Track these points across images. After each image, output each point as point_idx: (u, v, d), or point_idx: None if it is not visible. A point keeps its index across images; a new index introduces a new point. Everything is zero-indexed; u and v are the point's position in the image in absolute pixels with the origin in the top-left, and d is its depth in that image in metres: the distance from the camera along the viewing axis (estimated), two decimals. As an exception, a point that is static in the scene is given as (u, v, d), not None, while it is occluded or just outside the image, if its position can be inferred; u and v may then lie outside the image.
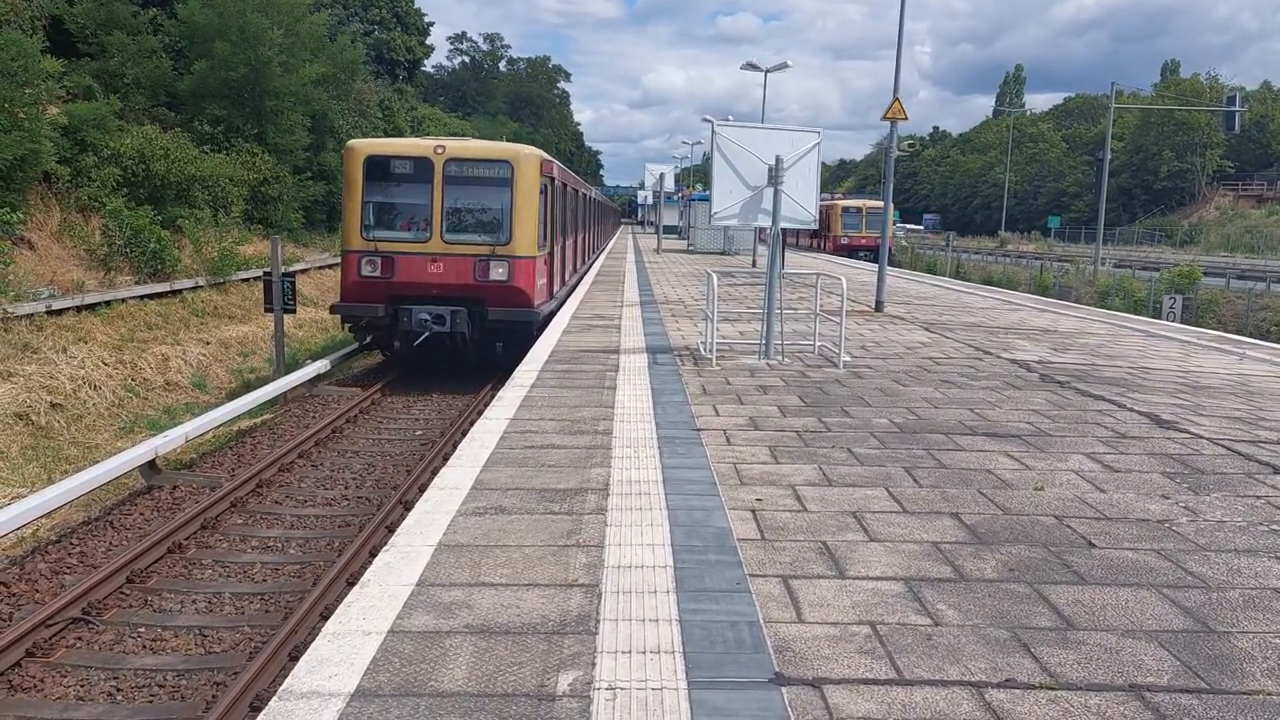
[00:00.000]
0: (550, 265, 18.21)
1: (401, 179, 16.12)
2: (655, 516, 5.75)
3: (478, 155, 16.13)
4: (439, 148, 15.97)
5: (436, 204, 15.82)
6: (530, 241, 16.00)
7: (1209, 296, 33.33)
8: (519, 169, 15.94)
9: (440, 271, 15.73)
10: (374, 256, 15.81)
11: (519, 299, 15.95)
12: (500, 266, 15.77)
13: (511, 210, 15.85)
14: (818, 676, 3.86)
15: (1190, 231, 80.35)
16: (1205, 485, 6.85)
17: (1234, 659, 4.13)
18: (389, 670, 3.80)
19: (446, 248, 15.77)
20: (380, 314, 15.95)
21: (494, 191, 16.00)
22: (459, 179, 15.88)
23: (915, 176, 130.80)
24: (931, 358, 12.78)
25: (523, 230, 15.90)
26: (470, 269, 15.76)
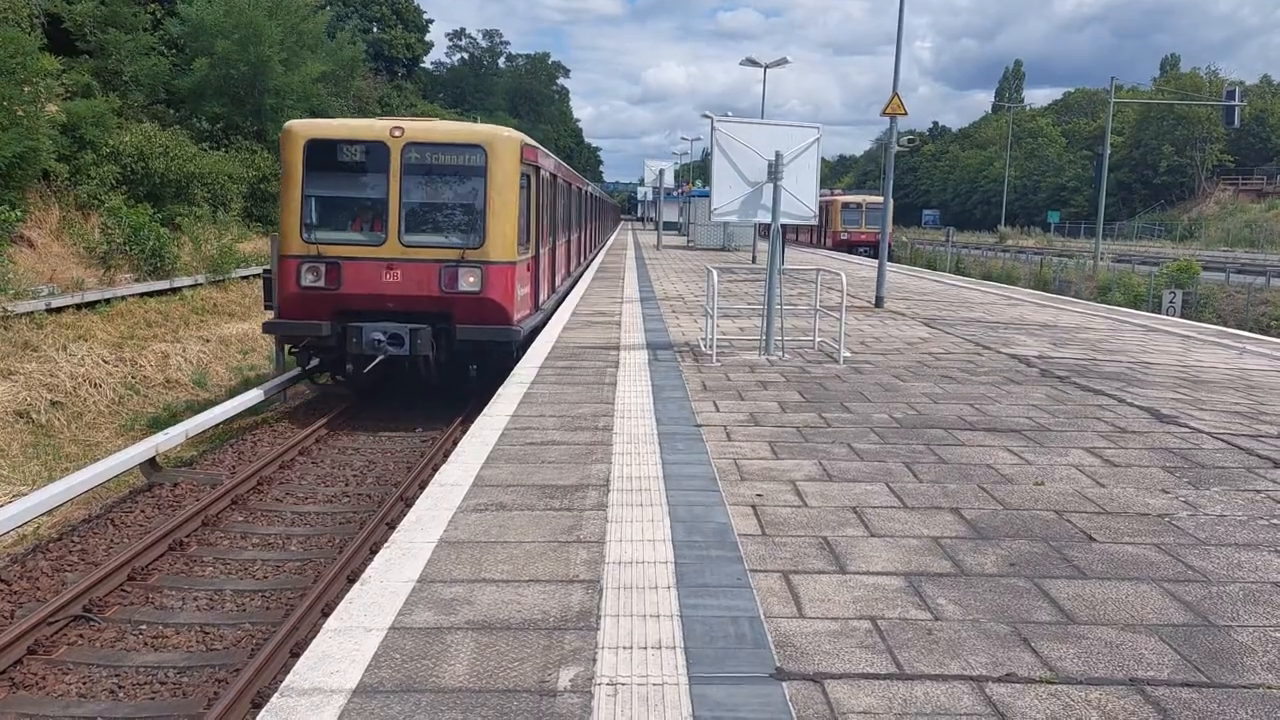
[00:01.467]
0: (535, 271, 15.47)
1: (351, 168, 13.40)
2: (656, 512, 5.76)
3: (444, 139, 13.36)
4: (396, 129, 13.19)
5: (393, 198, 13.09)
6: (508, 243, 13.36)
7: (1208, 291, 33.31)
8: (495, 155, 13.25)
9: (398, 281, 13.00)
10: (316, 263, 13.04)
11: (494, 314, 13.25)
12: (471, 274, 13.00)
13: (486, 205, 13.16)
14: (819, 671, 3.87)
15: (1190, 226, 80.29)
16: (1205, 480, 6.86)
17: (1234, 653, 4.14)
18: (390, 666, 3.80)
19: (406, 252, 13.04)
20: (324, 333, 13.20)
21: (464, 183, 13.38)
22: (421, 167, 13.20)
23: (915, 172, 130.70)
24: (931, 353, 12.78)
25: (499, 230, 13.20)
26: (434, 278, 13.00)
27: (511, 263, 13.43)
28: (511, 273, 13.44)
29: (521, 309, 14.19)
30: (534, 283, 15.50)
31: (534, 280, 15.48)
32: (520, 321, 13.87)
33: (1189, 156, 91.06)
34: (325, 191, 13.52)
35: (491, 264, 13.15)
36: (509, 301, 13.41)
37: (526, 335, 13.72)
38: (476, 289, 13.07)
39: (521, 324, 13.84)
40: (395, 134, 13.17)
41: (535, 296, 15.68)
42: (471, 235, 13.24)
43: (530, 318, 14.70)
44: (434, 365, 13.47)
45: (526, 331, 13.79)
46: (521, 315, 14.16)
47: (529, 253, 14.82)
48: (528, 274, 14.85)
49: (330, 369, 14.83)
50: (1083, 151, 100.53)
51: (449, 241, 13.26)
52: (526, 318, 14.49)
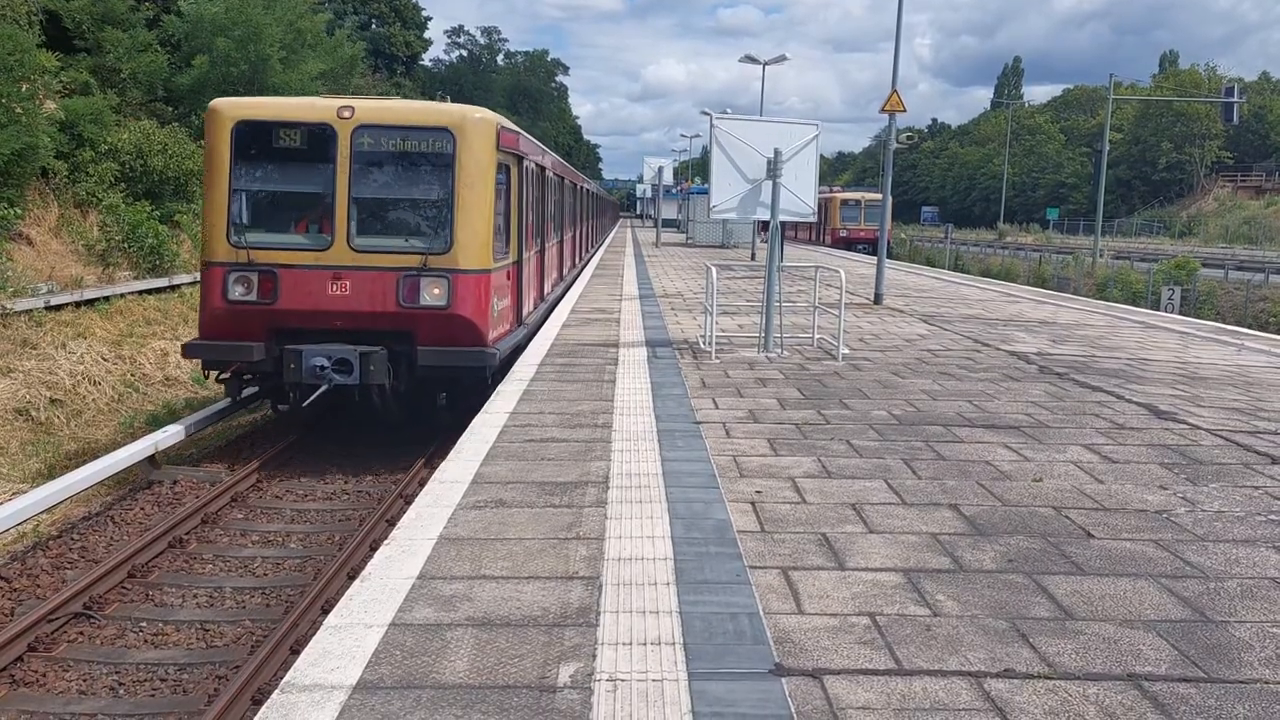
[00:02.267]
0: (517, 279, 13.25)
1: (289, 156, 11.24)
2: (655, 509, 5.77)
3: (403, 120, 11.16)
4: (345, 109, 10.99)
5: (341, 192, 10.86)
6: (482, 247, 11.17)
7: (1207, 288, 33.34)
8: (465, 140, 11.03)
9: (346, 294, 10.80)
10: (247, 272, 10.87)
11: (464, 333, 11.04)
12: (436, 285, 10.86)
13: (454, 201, 10.98)
14: (817, 667, 3.88)
15: (1189, 223, 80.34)
16: (1203, 476, 6.87)
17: (1232, 648, 4.15)
18: (391, 663, 3.82)
19: (356, 258, 10.82)
20: (256, 357, 10.97)
21: (428, 174, 11.22)
22: (376, 156, 11.08)
23: (914, 169, 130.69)
24: (930, 350, 12.79)
25: (471, 231, 11.03)
26: (391, 290, 10.83)
27: (485, 271, 11.24)
28: (485, 283, 11.24)
29: (499, 325, 11.97)
30: (516, 293, 13.22)
31: (516, 290, 13.21)
32: (497, 341, 11.70)
33: (1188, 153, 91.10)
34: (258, 185, 11.45)
35: (461, 273, 10.96)
36: (482, 318, 11.23)
37: (505, 357, 11.61)
38: (443, 303, 10.88)
39: (498, 344, 11.64)
40: (344, 115, 10.95)
41: (517, 309, 13.39)
42: (437, 238, 11.07)
43: (510, 335, 12.48)
44: (391, 396, 11.27)
45: (505, 353, 11.66)
46: (499, 333, 11.97)
47: (509, 258, 12.63)
48: (507, 283, 12.58)
49: (271, 396, 12.50)
50: (1082, 148, 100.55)
51: (409, 246, 11.04)
52: (505, 335, 12.28)
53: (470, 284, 11.08)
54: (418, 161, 11.23)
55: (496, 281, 11.71)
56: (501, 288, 12.10)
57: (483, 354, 11.13)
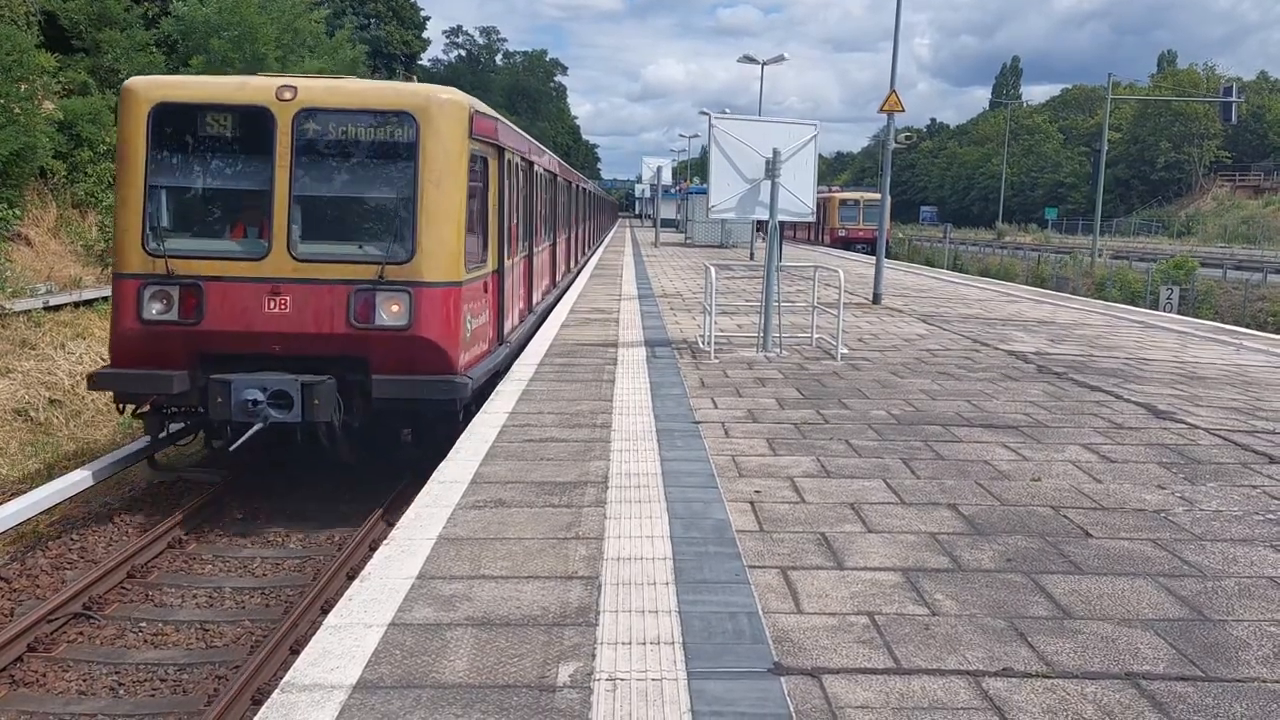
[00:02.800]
0: (498, 291, 11.38)
1: (219, 146, 9.54)
2: (654, 509, 5.78)
3: (356, 102, 9.36)
4: (286, 89, 9.28)
5: (280, 190, 9.13)
6: (451, 255, 9.39)
7: (1206, 287, 33.37)
8: (431, 127, 9.27)
9: (286, 312, 9.07)
10: (166, 285, 9.11)
11: (429, 358, 9.28)
12: (395, 301, 9.12)
13: (417, 200, 9.23)
14: (816, 666, 3.89)
15: (1187, 222, 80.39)
16: (1201, 475, 6.88)
17: (1229, 647, 4.16)
18: (391, 662, 3.82)
19: (299, 269, 9.07)
20: (179, 389, 9.18)
21: (386, 167, 9.48)
22: (323, 145, 9.37)
23: (913, 169, 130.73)
24: (929, 350, 12.81)
25: (438, 236, 9.27)
26: (341, 307, 9.09)
27: (455, 284, 9.43)
28: (455, 298, 9.44)
29: (472, 347, 10.05)
30: (495, 307, 11.29)
31: (496, 304, 11.28)
32: (470, 366, 9.83)
33: (1186, 153, 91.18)
34: (180, 180, 9.63)
35: (425, 286, 9.17)
36: (451, 340, 9.41)
37: (482, 384, 9.86)
38: (403, 323, 9.11)
39: (472, 370, 9.79)
40: (284, 96, 9.22)
41: (498, 326, 11.43)
42: (396, 244, 9.26)
43: (487, 358, 10.58)
44: (342, 434, 9.40)
45: (480, 380, 9.88)
46: (473, 356, 10.04)
47: (486, 266, 10.70)
48: (484, 296, 10.67)
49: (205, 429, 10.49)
50: (1080, 148, 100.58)
51: (363, 254, 9.27)
52: (481, 359, 10.36)
53: (436, 299, 9.28)
54: (374, 152, 9.46)
55: (470, 295, 9.87)
56: (477, 302, 10.22)
57: (451, 383, 9.29)
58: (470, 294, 9.91)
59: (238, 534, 9.37)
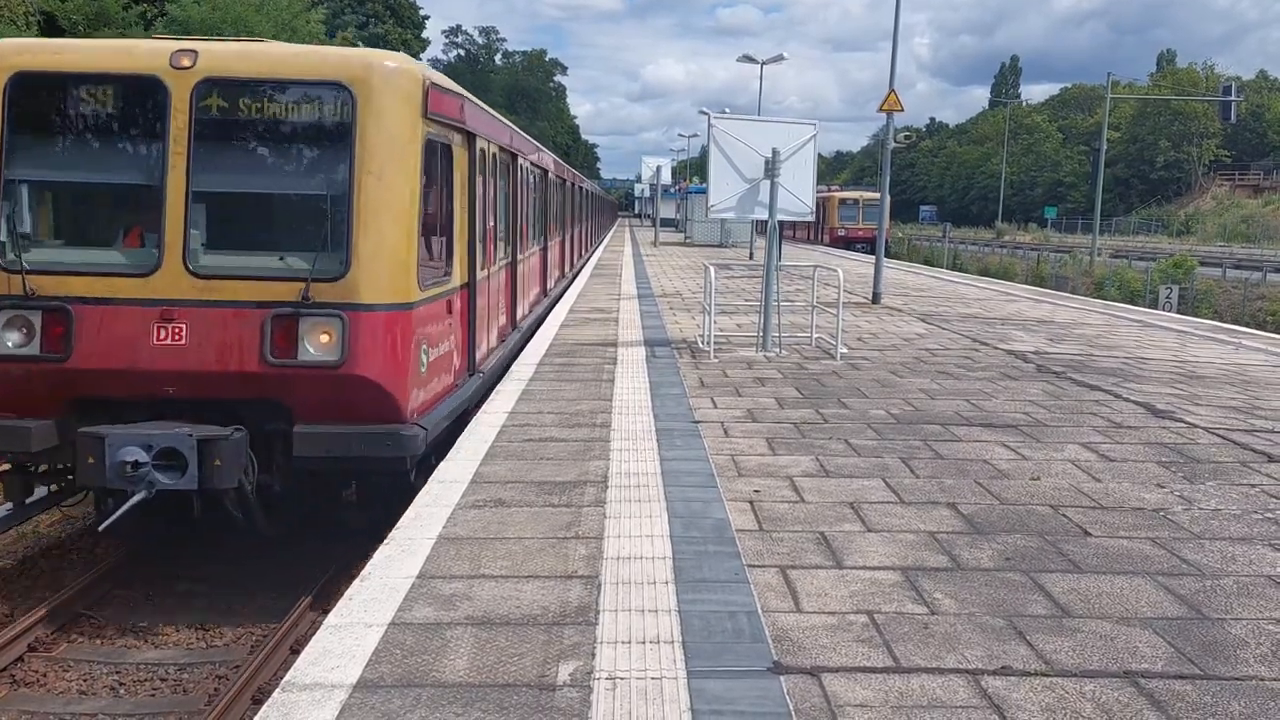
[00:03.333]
0: (469, 310, 9.20)
1: (97, 127, 7.47)
2: (654, 508, 5.79)
3: (274, 71, 7.36)
4: (184, 54, 7.19)
5: (175, 184, 7.06)
6: (398, 267, 7.33)
7: (1205, 286, 33.39)
8: (371, 103, 7.21)
9: (182, 344, 7.01)
10: (24, 310, 7.06)
11: (369, 403, 7.21)
12: (325, 329, 7.05)
13: (353, 197, 7.14)
14: (816, 665, 3.90)
15: (1187, 221, 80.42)
16: (1200, 474, 6.89)
17: (1228, 645, 4.17)
18: (391, 661, 3.83)
19: (200, 288, 7.03)
20: (40, 444, 7.13)
21: (312, 154, 7.52)
22: (232, 126, 7.33)
23: (913, 168, 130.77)
24: (928, 349, 12.82)
25: (380, 243, 7.21)
26: (254, 337, 7.03)
27: (404, 305, 7.31)
28: (404, 324, 7.34)
29: (430, 384, 7.90)
30: (465, 330, 9.17)
31: (466, 326, 9.17)
32: (426, 410, 7.73)
33: (1186, 152, 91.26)
34: (45, 172, 7.60)
35: (363, 309, 7.06)
36: (398, 378, 7.26)
37: (442, 432, 7.86)
38: (334, 357, 6.98)
39: (428, 414, 7.70)
40: (181, 62, 7.10)
41: (467, 353, 9.25)
42: (326, 255, 7.07)
43: (450, 397, 8.40)
44: (257, 502, 7.31)
45: (441, 426, 7.85)
46: (431, 396, 7.93)
47: (451, 280, 8.54)
48: (448, 319, 8.48)
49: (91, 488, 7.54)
50: (1080, 147, 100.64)
51: (283, 268, 7.11)
52: (442, 397, 8.22)
53: (378, 326, 7.15)
54: (298, 135, 7.41)
55: (426, 318, 7.73)
56: (437, 326, 8.06)
57: (397, 435, 7.18)
58: (427, 317, 7.75)
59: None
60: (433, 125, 7.81)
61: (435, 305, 8.03)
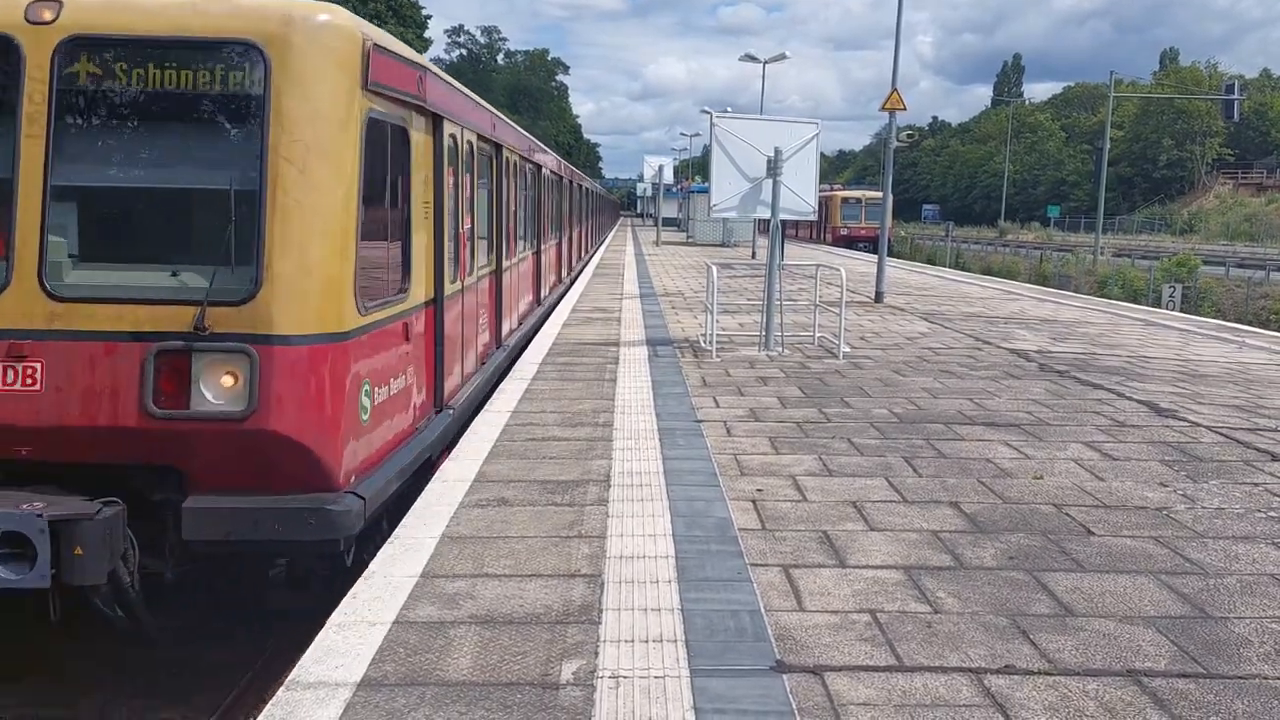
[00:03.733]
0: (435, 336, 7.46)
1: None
2: (656, 507, 5.79)
3: (160, 26, 5.43)
4: (45, 6, 5.37)
5: (28, 176, 5.27)
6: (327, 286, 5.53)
7: (1208, 285, 33.35)
8: (288, 68, 5.43)
9: (35, 389, 5.20)
10: None
11: (287, 466, 5.38)
12: (227, 368, 5.29)
13: (264, 192, 5.37)
14: (819, 664, 3.90)
15: (1190, 220, 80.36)
16: (1203, 473, 6.89)
17: (1231, 644, 4.17)
18: (394, 660, 3.84)
19: (59, 314, 5.25)
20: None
21: (211, 136, 5.59)
22: (103, 99, 5.42)
23: (915, 167, 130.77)
24: (931, 348, 12.81)
25: (303, 254, 5.43)
26: (132, 380, 5.21)
27: (337, 336, 5.57)
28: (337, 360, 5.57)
29: (376, 435, 6.07)
30: (431, 360, 7.39)
31: (431, 354, 7.38)
32: (370, 469, 5.91)
33: (1189, 150, 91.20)
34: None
35: (281, 342, 5.36)
36: (326, 433, 5.47)
37: (394, 496, 6.12)
38: (239, 407, 5.27)
39: (371, 476, 5.86)
40: (41, 16, 5.39)
41: (434, 386, 7.45)
42: (229, 269, 5.35)
43: (404, 447, 6.50)
44: (136, 598, 5.40)
45: (387, 491, 6.00)
46: (378, 450, 6.09)
47: (409, 299, 6.73)
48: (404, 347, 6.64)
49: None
50: (1082, 146, 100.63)
51: (171, 287, 5.42)
52: (396, 448, 6.39)
53: (299, 364, 5.38)
54: (193, 111, 5.52)
55: (370, 349, 5.92)
56: (387, 358, 6.23)
57: (324, 512, 5.31)
58: (370, 347, 5.89)
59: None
60: (380, 101, 6.01)
61: (384, 332, 6.17)
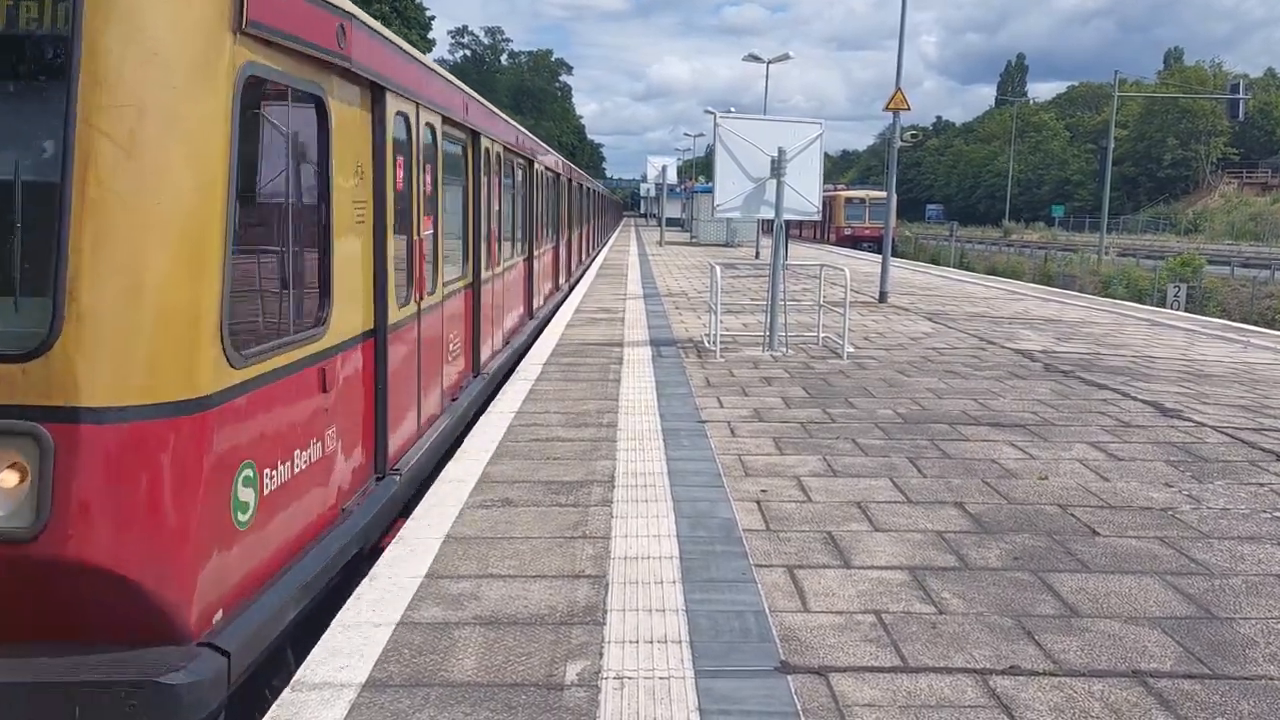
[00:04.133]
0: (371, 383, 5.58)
1: None
2: (661, 508, 5.79)
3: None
4: None
5: None
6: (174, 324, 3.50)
7: (1213, 285, 33.29)
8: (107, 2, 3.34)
9: None
10: None
11: (102, 610, 3.38)
12: (2, 459, 3.24)
13: (69, 181, 3.30)
14: (823, 665, 3.90)
15: (1195, 220, 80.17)
16: (1209, 473, 6.87)
17: (1236, 645, 4.16)
18: (399, 661, 3.84)
19: None
20: None
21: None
22: None
23: (919, 167, 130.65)
24: (935, 348, 12.80)
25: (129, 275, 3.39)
26: None
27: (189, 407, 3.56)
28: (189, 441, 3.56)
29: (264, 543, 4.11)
30: (371, 414, 5.66)
31: (370, 405, 5.65)
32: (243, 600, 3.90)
33: (1193, 150, 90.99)
34: None
35: (91, 418, 3.31)
36: (166, 561, 3.46)
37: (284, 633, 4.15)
38: (21, 523, 3.29)
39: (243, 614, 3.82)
40: None
41: (372, 447, 5.70)
42: (8, 299, 3.44)
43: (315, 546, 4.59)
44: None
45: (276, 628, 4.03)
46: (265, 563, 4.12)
47: (327, 336, 4.85)
48: (320, 399, 4.80)
49: None
50: (1087, 145, 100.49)
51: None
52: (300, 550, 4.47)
53: (122, 452, 3.42)
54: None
55: (251, 419, 4.04)
56: (286, 425, 4.43)
57: (151, 683, 3.31)
58: (253, 413, 4.05)
59: None
60: (268, 53, 4.10)
61: (281, 386, 4.31)
